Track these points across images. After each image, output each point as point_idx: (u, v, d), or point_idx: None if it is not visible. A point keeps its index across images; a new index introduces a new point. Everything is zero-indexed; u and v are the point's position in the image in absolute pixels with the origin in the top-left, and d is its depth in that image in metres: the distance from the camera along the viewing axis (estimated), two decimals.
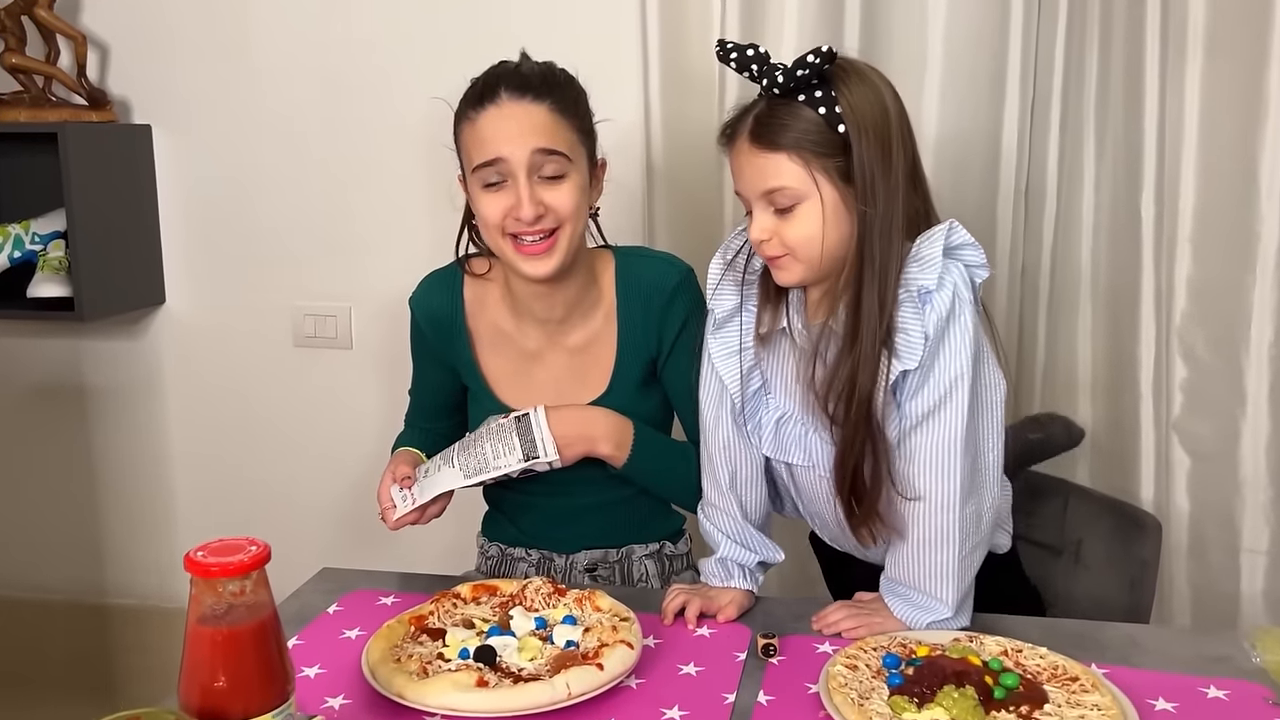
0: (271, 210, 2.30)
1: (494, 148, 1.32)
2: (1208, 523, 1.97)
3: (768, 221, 1.24)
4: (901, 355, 1.21)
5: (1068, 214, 1.95)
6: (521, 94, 1.33)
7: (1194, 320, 1.92)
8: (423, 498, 1.35)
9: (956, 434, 1.21)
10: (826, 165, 1.20)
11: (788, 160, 1.20)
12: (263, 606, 0.86)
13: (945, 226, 1.24)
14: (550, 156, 1.33)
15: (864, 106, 1.20)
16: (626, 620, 1.20)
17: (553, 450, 1.34)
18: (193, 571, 0.84)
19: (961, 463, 1.22)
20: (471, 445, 1.38)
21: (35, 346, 2.46)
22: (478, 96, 1.35)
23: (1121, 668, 1.16)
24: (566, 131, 1.35)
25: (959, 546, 1.24)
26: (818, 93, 1.20)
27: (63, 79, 2.22)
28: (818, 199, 1.21)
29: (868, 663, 1.13)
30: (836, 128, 1.19)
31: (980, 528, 1.27)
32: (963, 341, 1.20)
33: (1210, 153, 1.86)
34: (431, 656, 1.13)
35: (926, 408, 1.22)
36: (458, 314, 1.51)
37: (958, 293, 1.21)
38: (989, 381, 1.27)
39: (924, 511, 1.24)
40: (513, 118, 1.32)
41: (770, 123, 1.21)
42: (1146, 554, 1.68)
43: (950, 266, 1.21)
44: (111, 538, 2.54)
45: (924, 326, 1.20)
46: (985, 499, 1.27)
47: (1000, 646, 1.16)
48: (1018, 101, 1.89)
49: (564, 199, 1.35)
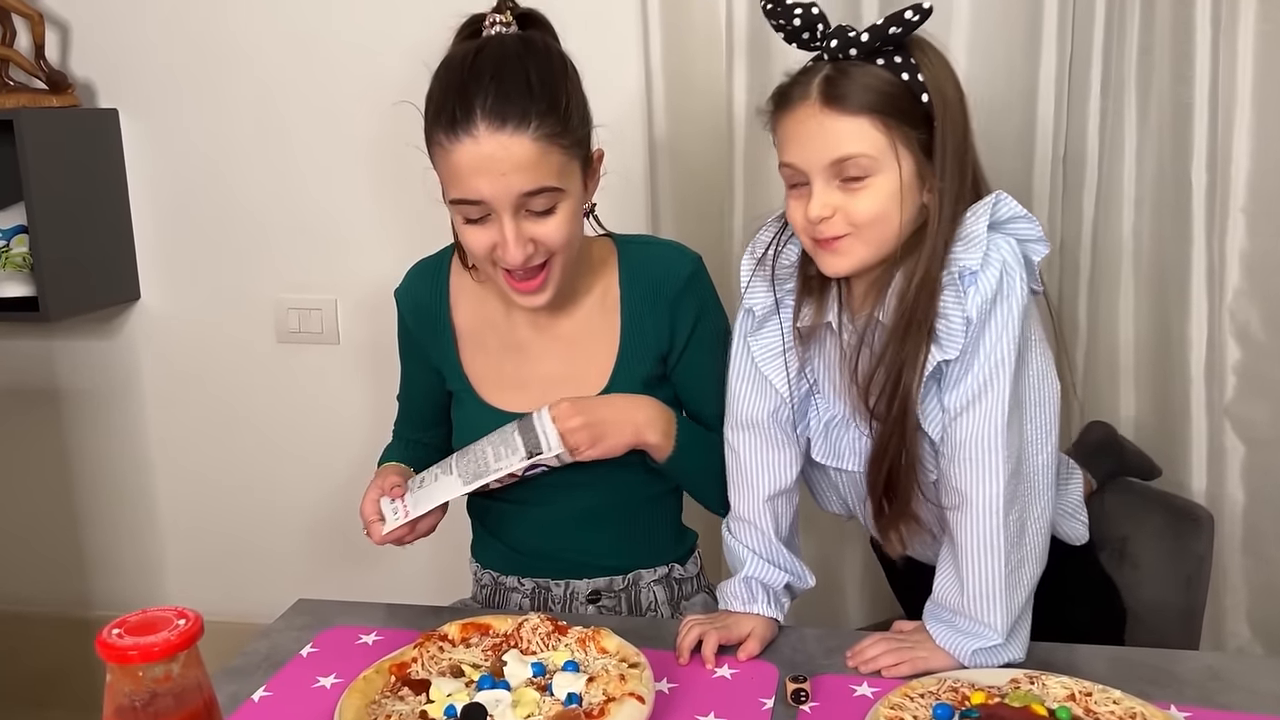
0: (250, 198, 2.16)
1: (473, 187, 1.17)
2: (1264, 515, 1.85)
3: (832, 196, 1.09)
4: (942, 343, 1.09)
5: (1109, 184, 1.80)
6: (501, 123, 1.14)
7: (1248, 297, 1.80)
8: (417, 510, 1.21)
9: (997, 427, 1.09)
10: (909, 135, 1.08)
11: (869, 124, 1.07)
12: (192, 692, 0.72)
13: (991, 199, 1.11)
14: (537, 195, 1.17)
15: (946, 78, 1.10)
16: (636, 667, 1.05)
17: (557, 444, 1.20)
18: (107, 657, 0.70)
19: (1004, 460, 1.09)
20: (470, 450, 1.25)
21: (3, 348, 2.33)
22: (450, 118, 1.16)
23: (1204, 710, 1.02)
24: (556, 155, 1.17)
25: (1004, 559, 1.10)
26: (897, 58, 1.08)
27: (19, 61, 2.08)
28: (895, 172, 1.08)
29: (915, 714, 0.98)
30: (920, 96, 1.08)
31: (1024, 541, 1.13)
32: (1007, 322, 1.08)
33: (1266, 115, 1.73)
34: (413, 715, 0.99)
35: (967, 398, 1.10)
36: (442, 306, 1.39)
37: (1006, 270, 1.08)
38: (1039, 372, 1.13)
39: (965, 517, 1.12)
40: (492, 157, 1.15)
41: (847, 84, 1.07)
42: (1201, 549, 1.56)
43: (999, 243, 1.09)
44: (92, 546, 2.43)
45: (965, 310, 1.08)
46: (1032, 508, 1.13)
47: (1066, 690, 1.01)
48: (1054, 61, 1.74)
49: (554, 232, 1.20)
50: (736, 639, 1.18)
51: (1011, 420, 1.09)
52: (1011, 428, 1.09)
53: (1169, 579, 1.56)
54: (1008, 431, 1.09)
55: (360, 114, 2.06)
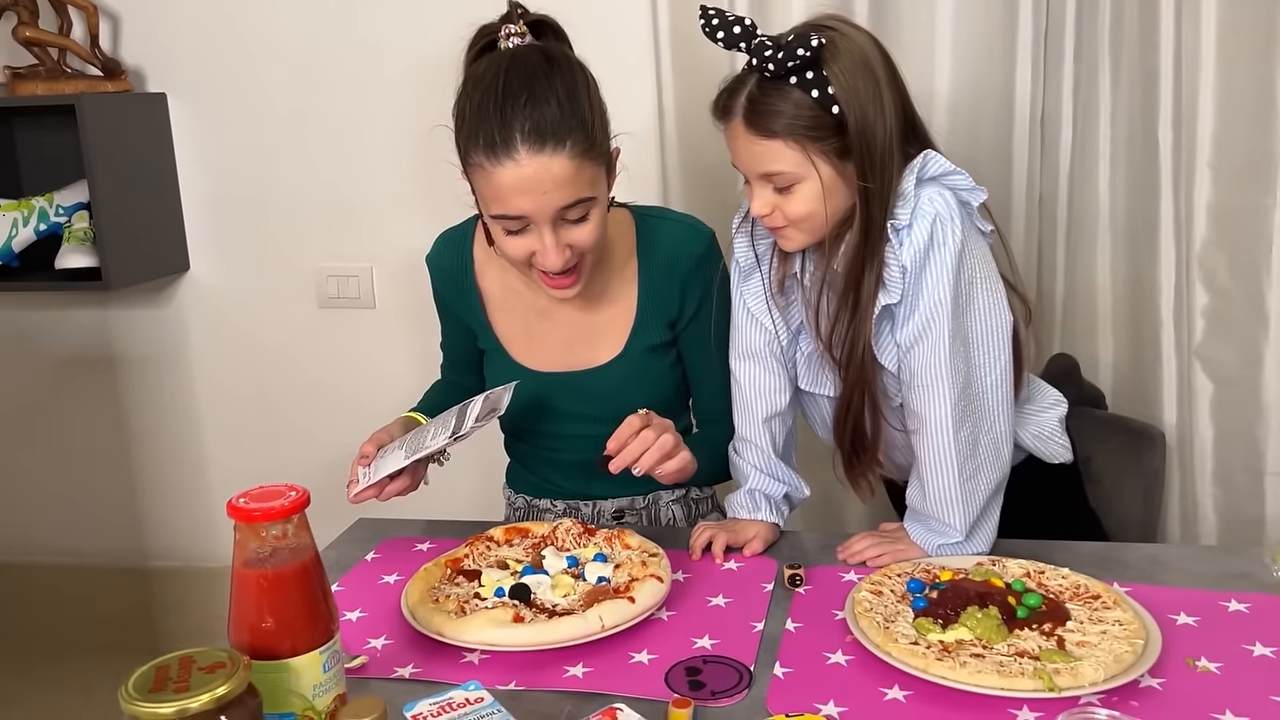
0: (290, 174, 2.31)
1: (515, 205, 1.26)
2: (1231, 448, 1.98)
3: (768, 196, 1.26)
4: (888, 288, 1.24)
5: (1084, 142, 1.94)
6: (540, 146, 1.22)
7: (1214, 246, 1.92)
8: (375, 475, 1.36)
9: (942, 359, 1.24)
10: (823, 147, 1.21)
11: (784, 146, 1.22)
12: (305, 549, 0.89)
13: (919, 160, 1.24)
14: (573, 207, 1.28)
15: (855, 83, 1.20)
16: (655, 556, 1.22)
17: (474, 417, 1.30)
18: (236, 517, 0.87)
19: (950, 386, 1.24)
20: (420, 432, 1.39)
21: (64, 318, 2.50)
22: (490, 144, 1.23)
23: (1143, 585, 1.18)
24: (588, 168, 1.27)
25: (959, 470, 1.26)
26: (809, 73, 1.20)
27: (77, 50, 2.23)
28: (816, 179, 1.23)
29: (892, 588, 1.15)
30: (830, 109, 1.20)
31: (978, 453, 1.28)
32: (943, 269, 1.22)
33: (1228, 76, 1.84)
34: (468, 596, 1.17)
35: (913, 335, 1.25)
36: (468, 273, 1.52)
37: (939, 219, 1.22)
38: (986, 305, 1.26)
39: (922, 436, 1.28)
40: (533, 178, 1.23)
41: (763, 109, 1.21)
42: (1156, 464, 1.70)
43: (930, 196, 1.23)
44: (148, 502, 2.60)
45: (900, 260, 1.23)
46: (984, 423, 1.28)
47: (1023, 569, 1.18)
48: (1030, 29, 1.87)
49: (588, 236, 1.31)
50: (742, 541, 1.34)
51: (955, 351, 1.24)
52: (955, 358, 1.24)
53: (1129, 493, 1.70)
54: (952, 361, 1.24)
55: (392, 93, 2.20)
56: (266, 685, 0.85)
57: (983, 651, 1.02)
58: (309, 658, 0.88)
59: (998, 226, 1.32)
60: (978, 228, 1.27)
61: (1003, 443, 1.30)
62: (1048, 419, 1.45)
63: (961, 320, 1.24)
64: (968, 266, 1.23)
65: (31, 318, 2.52)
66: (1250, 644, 1.07)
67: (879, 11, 1.92)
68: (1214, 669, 1.03)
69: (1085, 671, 0.97)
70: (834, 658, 1.08)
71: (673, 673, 1.05)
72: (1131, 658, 1.00)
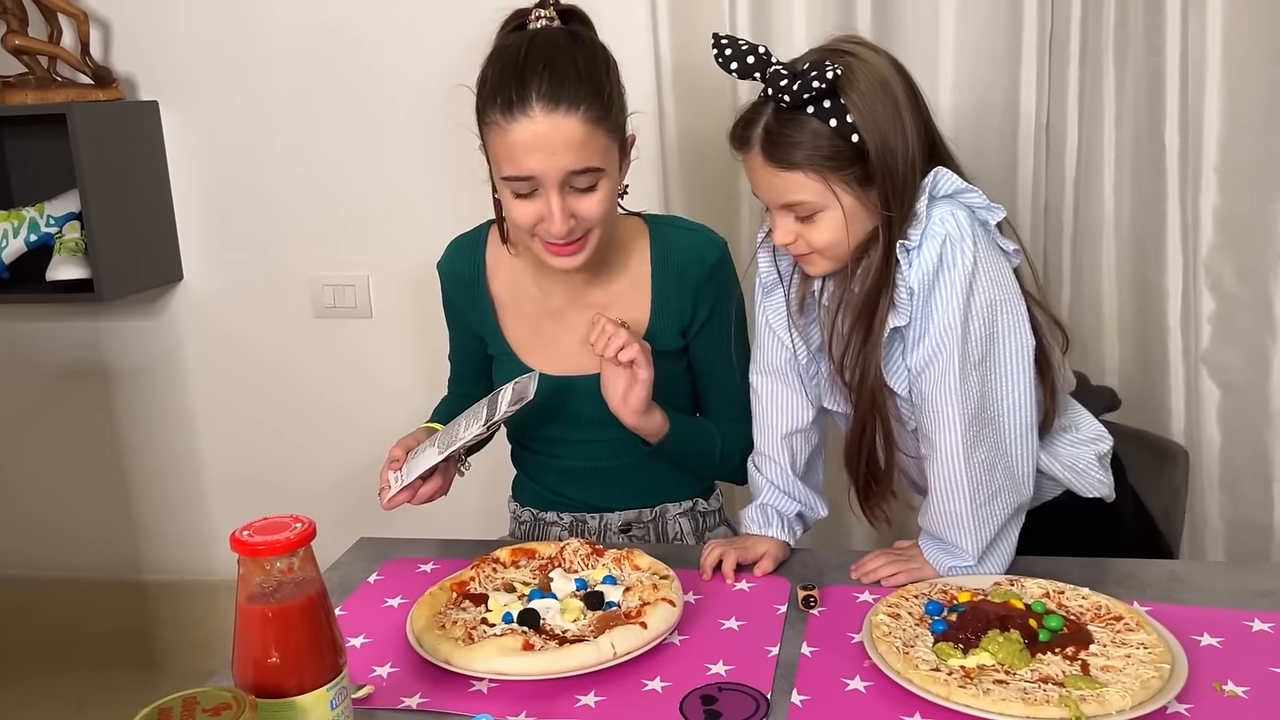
0: (284, 183, 2.29)
1: (526, 164, 1.28)
2: (1239, 454, 1.97)
3: (790, 226, 1.24)
4: (898, 310, 1.22)
5: (1089, 148, 1.93)
6: (554, 105, 1.25)
7: (1221, 251, 1.91)
8: (408, 477, 1.35)
9: (952, 385, 1.21)
10: (844, 176, 1.19)
11: (804, 177, 1.20)
12: (310, 582, 0.87)
13: (930, 178, 1.21)
14: (582, 174, 1.29)
15: (874, 109, 1.18)
16: (666, 578, 1.20)
17: (506, 404, 1.31)
18: (240, 551, 0.84)
19: (960, 411, 1.21)
20: (450, 428, 1.38)
21: (56, 329, 2.47)
22: (507, 101, 1.27)
23: (1164, 605, 1.16)
24: (601, 137, 1.29)
25: (970, 495, 1.23)
26: (826, 102, 1.17)
27: (67, 58, 2.20)
28: (838, 208, 1.21)
29: (910, 610, 1.13)
30: (850, 138, 1.18)
31: (994, 478, 1.24)
32: (953, 291, 1.19)
33: (1234, 78, 1.84)
34: (475, 622, 1.14)
35: (923, 360, 1.22)
36: (479, 277, 1.51)
37: (949, 240, 1.19)
38: (1005, 329, 1.23)
39: (935, 462, 1.25)
40: (545, 135, 1.26)
41: (781, 140, 1.19)
42: (1178, 482, 1.67)
43: (941, 216, 1.20)
44: (144, 515, 2.57)
45: (908, 282, 1.20)
46: (1001, 447, 1.25)
47: (1042, 589, 1.16)
48: (1035, 33, 1.86)
49: (595, 208, 1.32)
50: (753, 558, 1.32)
51: (965, 375, 1.20)
52: (966, 382, 1.21)
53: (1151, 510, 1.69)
54: (963, 386, 1.21)
55: (387, 102, 2.18)
56: None
57: (1005, 678, 1.00)
58: (316, 695, 0.86)
59: (1023, 245, 1.28)
60: (999, 247, 1.24)
61: (1020, 467, 1.26)
62: (1084, 453, 1.38)
63: (977, 344, 1.21)
64: (984, 288, 1.20)
65: (23, 329, 2.49)
66: (1277, 666, 1.04)
67: (882, 18, 1.90)
68: (1241, 693, 1.01)
69: (1112, 699, 0.94)
70: (852, 684, 1.05)
71: (688, 701, 1.02)
72: (1159, 683, 0.97)
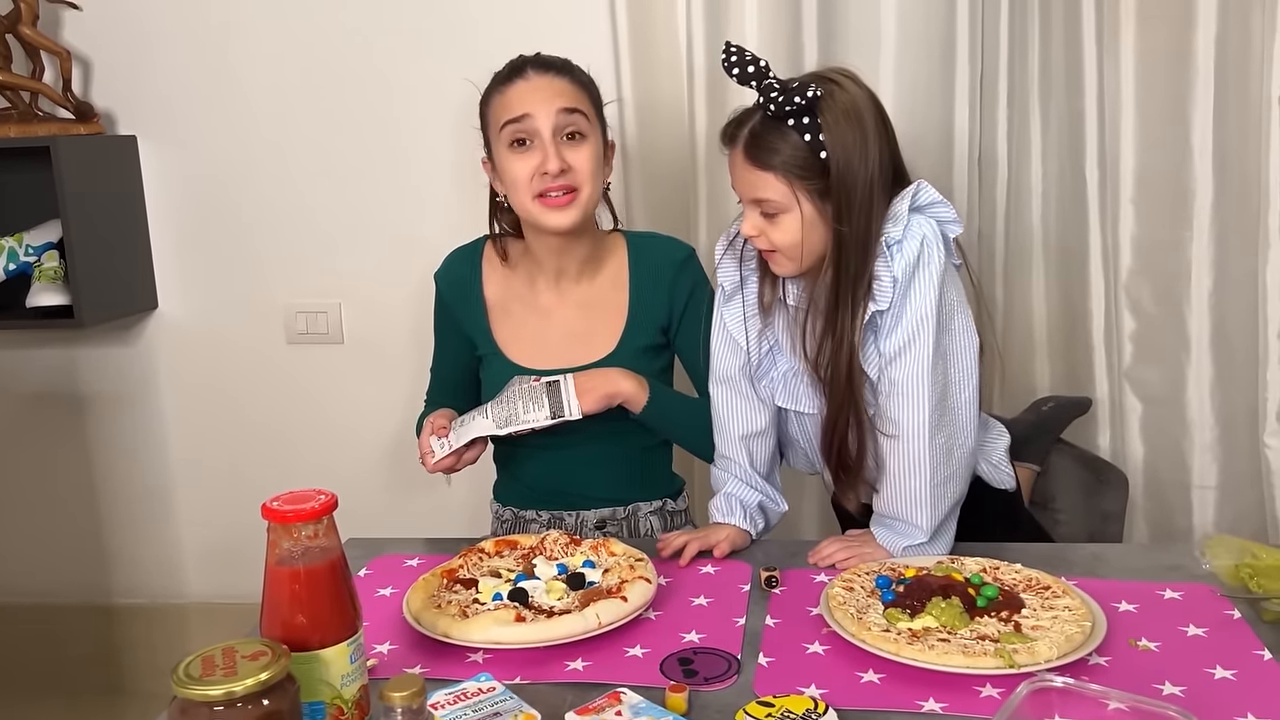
0: (257, 213, 2.36)
1: (521, 107, 1.50)
2: (1161, 463, 2.12)
3: (757, 221, 1.39)
4: (876, 297, 1.36)
5: (1018, 181, 2.09)
6: (545, 70, 1.52)
7: (1139, 275, 2.06)
8: (458, 442, 1.48)
9: (924, 369, 1.36)
10: (808, 187, 1.35)
11: (774, 179, 1.35)
12: (333, 548, 0.97)
13: (914, 187, 1.38)
14: (573, 115, 1.50)
15: (844, 134, 1.33)
16: (641, 560, 1.31)
17: (577, 410, 1.46)
18: (271, 518, 0.94)
19: (929, 395, 1.36)
20: (503, 401, 1.49)
21: (32, 356, 2.51)
22: (506, 74, 1.54)
23: (1088, 579, 1.30)
24: (587, 102, 1.54)
25: (930, 474, 1.38)
26: (805, 119, 1.33)
27: (49, 94, 2.28)
28: (798, 213, 1.36)
29: (862, 585, 1.25)
30: (819, 154, 1.33)
31: (951, 462, 1.40)
32: (929, 286, 1.35)
33: (1147, 118, 2.00)
34: (468, 601, 1.24)
35: (898, 345, 1.37)
36: (475, 281, 1.66)
37: (926, 241, 1.35)
38: (960, 328, 1.40)
39: (899, 441, 1.39)
40: (539, 87, 1.51)
41: (762, 143, 1.35)
42: (1110, 507, 1.80)
43: (919, 221, 1.36)
44: (115, 539, 2.60)
45: (892, 271, 1.35)
46: (957, 436, 1.40)
47: (979, 565, 1.29)
48: (967, 77, 2.02)
49: (583, 159, 1.51)
50: (712, 544, 1.44)
51: (935, 364, 1.37)
52: (935, 369, 1.37)
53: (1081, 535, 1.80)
54: (933, 372, 1.36)
55: (360, 132, 2.28)
56: (298, 675, 0.92)
57: (948, 636, 1.12)
58: (337, 649, 0.95)
59: (966, 261, 1.45)
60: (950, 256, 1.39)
61: (969, 458, 1.42)
62: (997, 447, 1.56)
63: (941, 337, 1.36)
64: (948, 289, 1.36)
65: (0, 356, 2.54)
66: (1184, 626, 1.18)
67: (826, 54, 2.04)
68: (1153, 648, 1.14)
69: (1041, 650, 1.07)
70: (812, 648, 1.17)
71: (667, 663, 1.13)
72: (1081, 637, 1.10)
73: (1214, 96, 1.96)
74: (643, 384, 1.52)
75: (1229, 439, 2.07)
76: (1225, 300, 2.02)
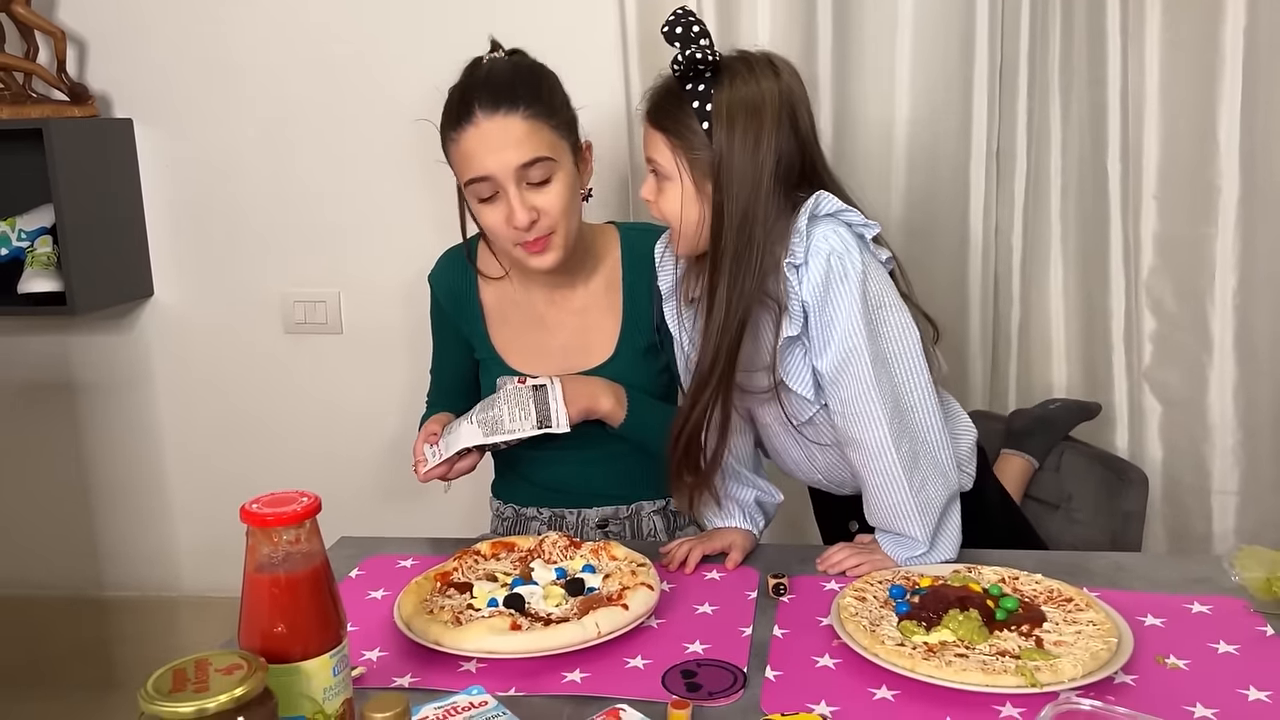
0: (256, 199, 2.31)
1: (479, 165, 1.39)
2: (1180, 467, 2.06)
3: (651, 183, 1.34)
4: (792, 320, 1.29)
5: (1037, 174, 2.03)
6: (495, 108, 1.38)
7: (1161, 273, 2.02)
8: (447, 451, 1.41)
9: (869, 385, 1.28)
10: (690, 158, 1.27)
11: (662, 141, 1.29)
12: (316, 554, 0.91)
13: (811, 200, 1.29)
14: (533, 166, 1.39)
15: (733, 115, 1.25)
16: (643, 565, 1.25)
17: (565, 422, 1.40)
18: (250, 522, 0.88)
19: (882, 408, 1.29)
20: (489, 406, 1.43)
21: (24, 343, 2.47)
22: (455, 117, 1.41)
23: (1111, 590, 1.24)
24: (545, 133, 1.40)
25: (907, 483, 1.30)
26: (701, 85, 1.26)
27: (43, 75, 2.23)
28: (679, 184, 1.29)
29: (875, 595, 1.19)
30: (703, 123, 1.26)
31: (920, 465, 1.31)
32: (851, 300, 1.26)
33: (1171, 111, 1.96)
34: (462, 607, 1.18)
35: (835, 366, 1.29)
36: (471, 285, 1.59)
37: (834, 255, 1.26)
38: (897, 326, 1.31)
39: (865, 458, 1.32)
40: (490, 135, 1.38)
41: (661, 102, 1.30)
42: (1130, 506, 1.73)
43: (824, 234, 1.27)
44: (107, 531, 2.56)
45: (800, 295, 1.28)
46: (919, 436, 1.32)
47: (998, 575, 1.23)
48: (986, 67, 1.96)
49: (553, 200, 1.42)
50: (718, 548, 1.38)
51: (879, 374, 1.28)
52: (880, 380, 1.28)
53: (1101, 534, 1.74)
54: (878, 383, 1.28)
55: (359, 119, 2.22)
56: (278, 688, 0.86)
57: (966, 651, 1.06)
58: (319, 661, 0.89)
59: (894, 254, 1.36)
60: (875, 258, 1.32)
61: (940, 453, 1.34)
62: (963, 443, 1.45)
63: (877, 344, 1.29)
64: (873, 293, 1.28)
65: None
66: (1214, 642, 1.12)
67: (841, 53, 1.99)
68: (1183, 665, 1.08)
69: (1064, 668, 1.01)
70: (823, 661, 1.11)
71: (669, 675, 1.08)
72: (1107, 655, 1.04)
73: (1242, 89, 1.91)
74: (621, 401, 1.48)
75: (1252, 443, 2.02)
76: (1250, 300, 1.98)
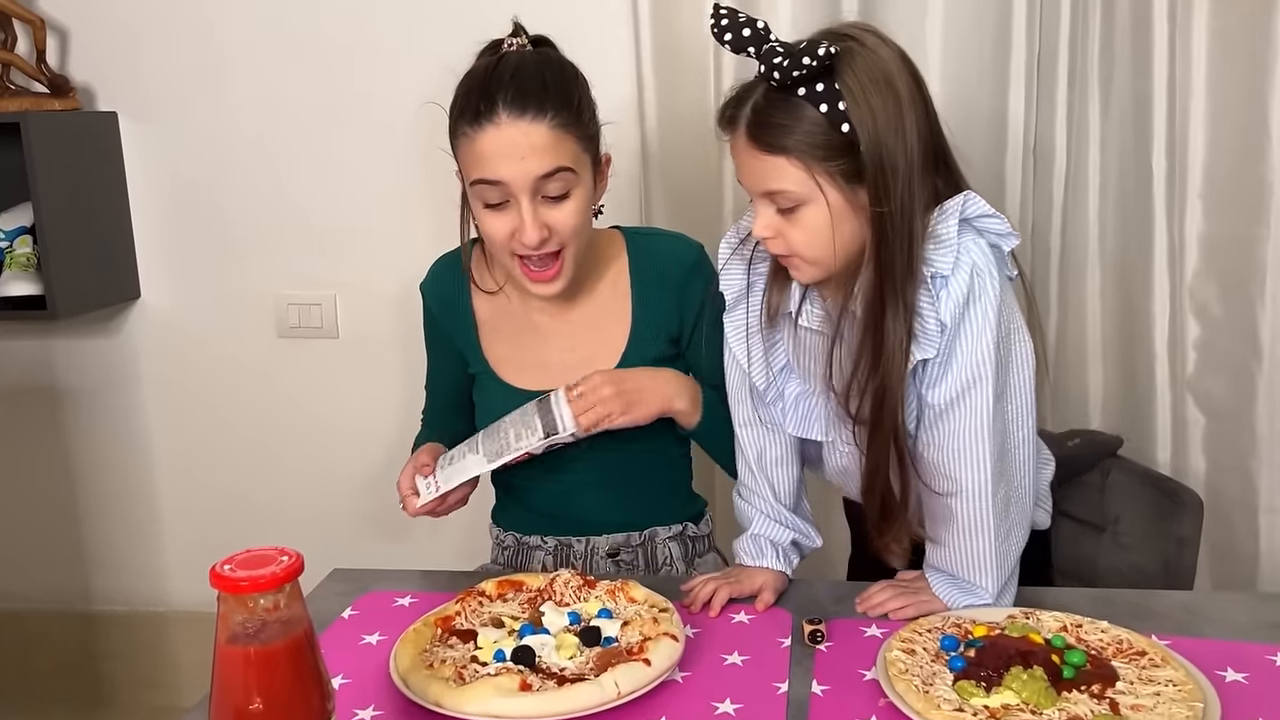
0: (248, 197, 2.21)
1: (494, 169, 1.26)
2: (1225, 482, 1.95)
3: (771, 219, 1.15)
4: (921, 343, 1.14)
5: (1076, 171, 1.91)
6: (521, 112, 1.25)
7: (1206, 276, 1.90)
8: (445, 485, 1.29)
9: (983, 422, 1.15)
10: (831, 168, 1.11)
11: (788, 164, 1.11)
12: (298, 621, 0.79)
13: (960, 200, 1.15)
14: (553, 177, 1.27)
15: (870, 100, 1.09)
16: (665, 611, 1.14)
17: (571, 424, 1.28)
18: (220, 587, 0.77)
19: (990, 449, 1.16)
20: (494, 432, 1.33)
21: (3, 349, 2.36)
22: (474, 112, 1.26)
23: (1182, 638, 1.12)
24: (569, 144, 1.28)
25: (994, 533, 1.18)
26: (819, 85, 1.09)
27: (21, 66, 2.12)
28: (823, 203, 1.12)
29: (925, 646, 1.08)
30: (840, 127, 1.09)
31: (1010, 513, 1.20)
32: (985, 324, 1.13)
33: (1219, 104, 1.84)
34: (465, 660, 1.07)
35: (950, 396, 1.15)
36: (463, 294, 1.48)
37: (976, 271, 1.13)
38: (1020, 357, 1.19)
39: (957, 500, 1.19)
40: (512, 141, 1.25)
41: (769, 122, 1.11)
42: (1183, 532, 1.60)
43: (967, 244, 1.13)
44: (94, 543, 2.46)
45: (939, 315, 1.13)
46: (1015, 481, 1.21)
47: (1059, 622, 1.11)
48: (1023, 57, 1.84)
49: (567, 218, 1.29)
50: (748, 592, 1.26)
51: (995, 412, 1.15)
52: (996, 417, 1.16)
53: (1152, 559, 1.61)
54: (993, 424, 1.15)
55: (355, 117, 2.12)
56: None
57: (1032, 718, 0.94)
58: None
59: (1022, 269, 1.23)
60: (1008, 275, 1.19)
61: (1028, 498, 1.23)
62: (1041, 479, 1.34)
63: (1002, 378, 1.16)
64: (1006, 318, 1.15)
65: None
66: None
67: None
68: None
69: None
70: None
71: None
72: None
73: None
74: (697, 400, 1.36)
75: None
76: None
